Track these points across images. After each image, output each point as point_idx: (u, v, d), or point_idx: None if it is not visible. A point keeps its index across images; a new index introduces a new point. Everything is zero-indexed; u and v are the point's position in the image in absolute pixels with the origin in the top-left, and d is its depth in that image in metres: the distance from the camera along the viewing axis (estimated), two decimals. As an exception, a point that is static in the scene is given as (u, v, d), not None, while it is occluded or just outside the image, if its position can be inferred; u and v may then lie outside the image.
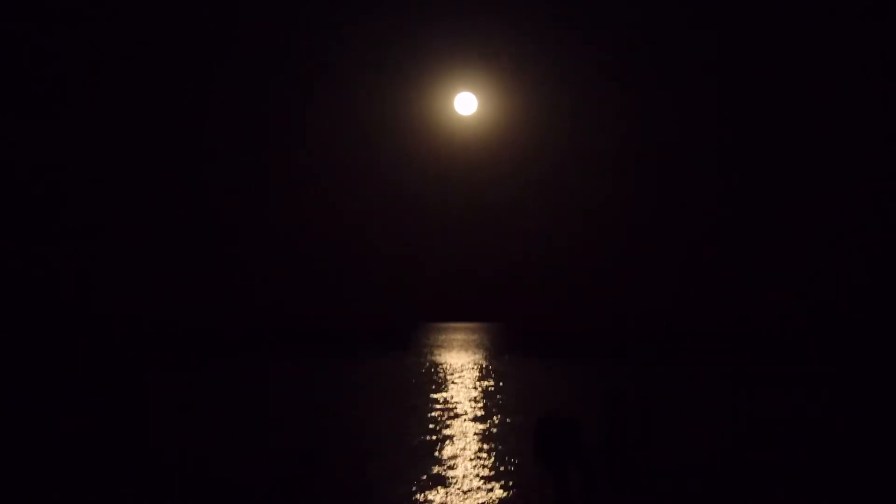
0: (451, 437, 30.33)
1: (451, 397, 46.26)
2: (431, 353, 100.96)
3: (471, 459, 25.44)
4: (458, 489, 21.12)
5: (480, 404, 42.30)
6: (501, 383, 55.59)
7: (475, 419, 36.17)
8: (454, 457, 26.07)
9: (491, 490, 20.91)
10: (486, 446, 28.12)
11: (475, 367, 73.75)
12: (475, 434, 31.25)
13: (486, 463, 24.80)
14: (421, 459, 25.68)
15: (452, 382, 56.81)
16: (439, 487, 21.43)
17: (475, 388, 52.35)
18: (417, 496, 20.33)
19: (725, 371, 60.99)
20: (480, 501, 19.46)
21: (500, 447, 27.64)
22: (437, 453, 26.84)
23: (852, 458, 20.06)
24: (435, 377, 61.97)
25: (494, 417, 36.55)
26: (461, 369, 70.20)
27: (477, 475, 22.90)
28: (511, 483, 21.44)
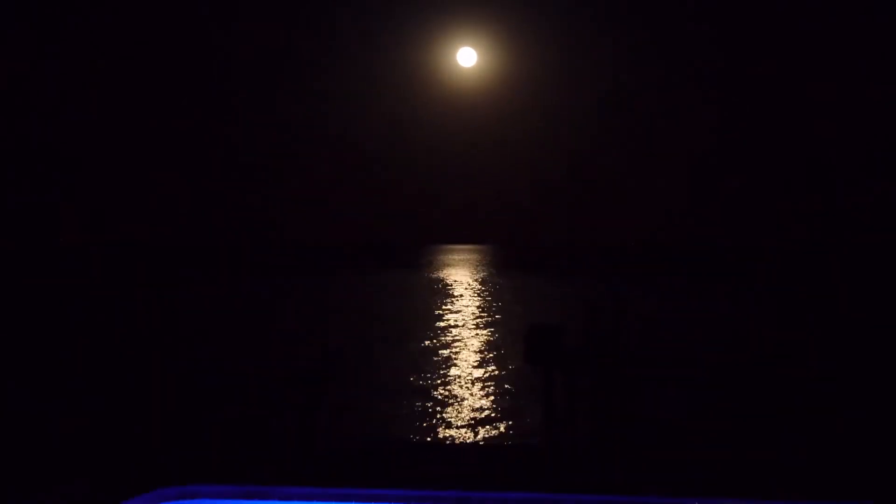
0: (453, 339, 31.00)
1: (453, 305, 46.92)
2: (436, 270, 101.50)
3: (471, 358, 26.11)
4: (460, 382, 21.80)
5: (478, 312, 42.88)
6: (496, 295, 56.22)
7: (474, 324, 36.82)
8: (456, 354, 26.83)
9: (488, 381, 21.62)
10: (483, 346, 28.83)
11: (473, 281, 74.36)
12: (474, 336, 31.95)
13: (485, 361, 25.47)
14: (428, 357, 26.39)
15: (454, 293, 57.45)
16: (444, 380, 22.10)
17: (473, 298, 52.93)
18: (424, 387, 21.05)
19: (694, 288, 60.96)
20: (479, 393, 20.13)
21: (495, 348, 28.42)
22: (441, 352, 27.56)
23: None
24: (439, 289, 62.64)
25: (491, 324, 37.18)
26: (461, 283, 70.84)
27: (475, 371, 23.61)
28: (505, 377, 22.33)
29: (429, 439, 15.96)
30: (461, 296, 56.66)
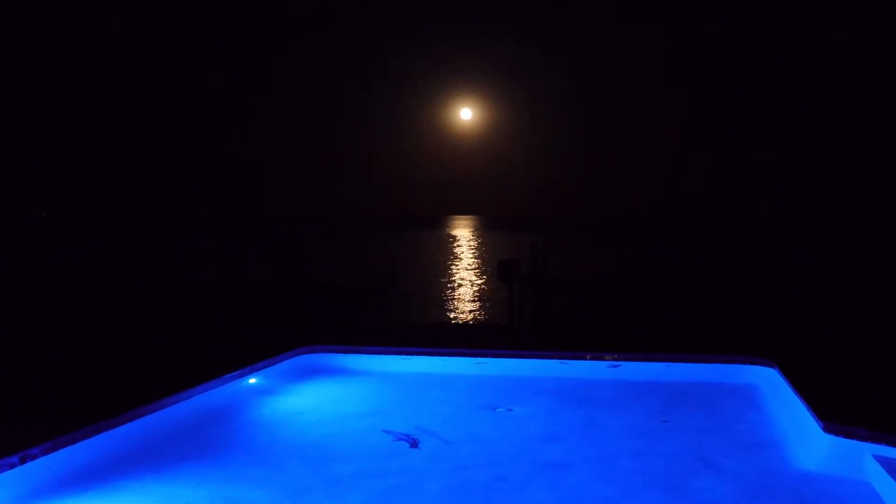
0: (458, 267, 31.81)
1: (461, 249, 47.70)
2: (449, 229, 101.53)
3: (469, 278, 27.10)
4: (463, 290, 22.83)
5: (471, 252, 43.70)
6: (482, 243, 56.87)
7: (471, 258, 37.69)
8: (462, 275, 27.71)
9: (478, 290, 22.69)
10: (476, 271, 29.69)
11: (471, 235, 74.88)
12: (471, 266, 32.77)
13: (476, 279, 26.45)
14: (442, 273, 27.21)
15: (460, 243, 58.07)
16: (451, 290, 23.11)
17: (471, 245, 53.64)
18: (443, 292, 22.04)
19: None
20: (474, 294, 21.14)
21: (484, 272, 29.26)
22: (451, 272, 28.40)
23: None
24: (451, 241, 63.18)
25: (478, 256, 38.07)
26: (464, 236, 71.41)
27: (472, 285, 24.58)
28: (487, 288, 23.24)
29: (444, 320, 16.99)
30: (465, 243, 57.38)
